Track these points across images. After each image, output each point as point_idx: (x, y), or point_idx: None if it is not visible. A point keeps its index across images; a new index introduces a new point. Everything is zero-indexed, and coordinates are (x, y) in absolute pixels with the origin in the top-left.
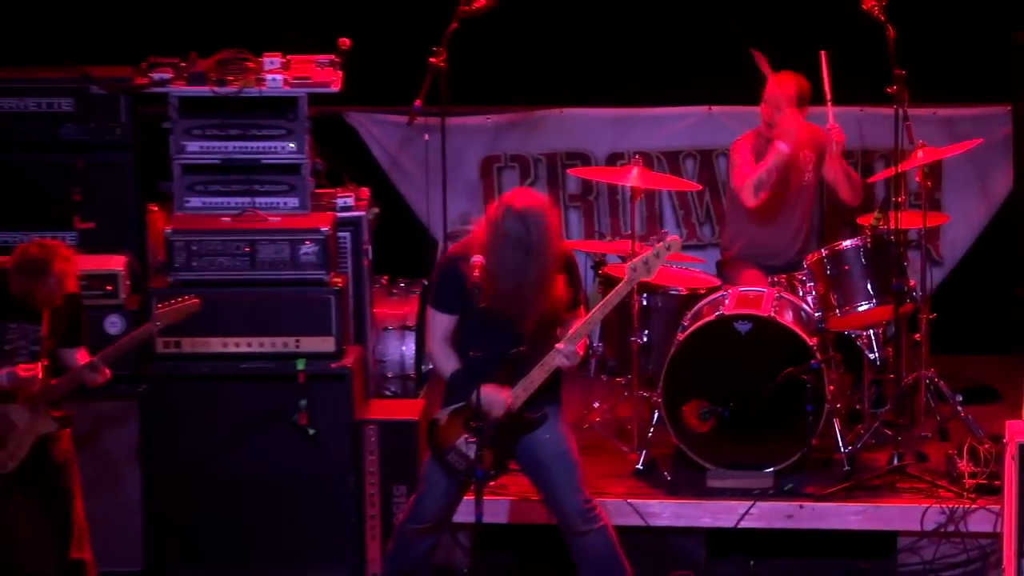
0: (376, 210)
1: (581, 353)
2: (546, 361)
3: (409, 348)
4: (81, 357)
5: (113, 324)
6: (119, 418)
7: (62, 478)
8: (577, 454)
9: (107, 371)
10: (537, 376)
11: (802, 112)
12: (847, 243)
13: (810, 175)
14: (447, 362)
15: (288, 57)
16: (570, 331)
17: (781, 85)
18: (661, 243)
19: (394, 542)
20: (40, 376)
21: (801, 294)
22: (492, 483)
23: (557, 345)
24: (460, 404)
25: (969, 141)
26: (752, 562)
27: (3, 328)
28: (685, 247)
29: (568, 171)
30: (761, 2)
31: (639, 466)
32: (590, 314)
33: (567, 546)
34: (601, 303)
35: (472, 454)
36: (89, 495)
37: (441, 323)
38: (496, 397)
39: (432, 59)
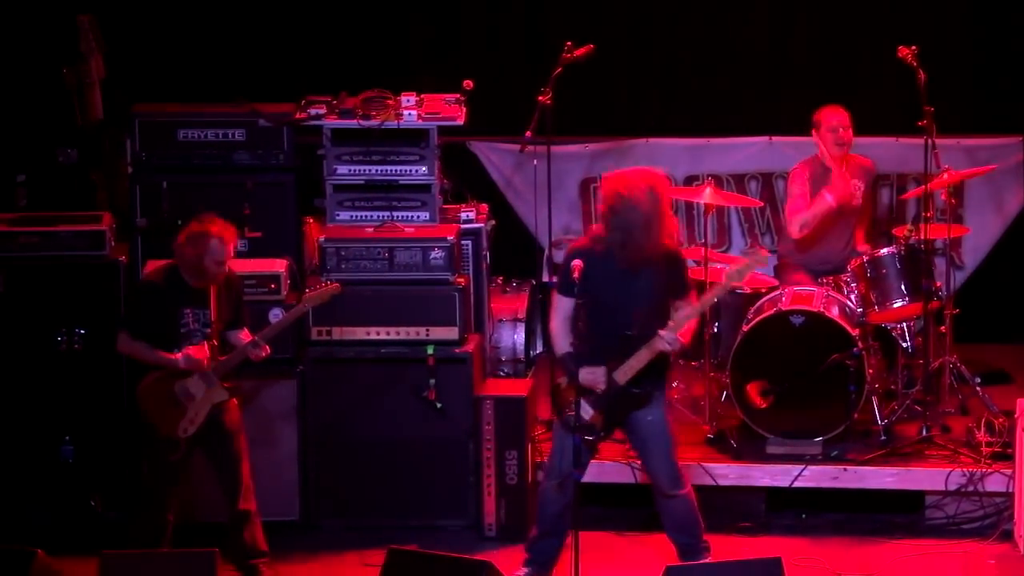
0: (493, 222)
1: (684, 341)
2: (651, 344)
3: (519, 336)
4: (244, 336)
5: (275, 315)
6: (278, 392)
7: (233, 443)
8: (673, 432)
9: (267, 348)
10: (643, 356)
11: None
12: (884, 251)
13: (859, 202)
14: (563, 342)
15: (421, 96)
16: (671, 321)
17: (832, 115)
18: (753, 256)
19: (537, 503)
20: (209, 354)
21: (846, 293)
22: (599, 444)
23: (660, 331)
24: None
25: (986, 167)
26: (804, 515)
27: (180, 313)
28: (747, 254)
29: None
30: (813, 50)
31: (710, 435)
32: (690, 306)
33: (656, 503)
34: (701, 300)
35: (585, 414)
36: (253, 456)
37: (562, 305)
38: (595, 375)
39: (540, 97)
